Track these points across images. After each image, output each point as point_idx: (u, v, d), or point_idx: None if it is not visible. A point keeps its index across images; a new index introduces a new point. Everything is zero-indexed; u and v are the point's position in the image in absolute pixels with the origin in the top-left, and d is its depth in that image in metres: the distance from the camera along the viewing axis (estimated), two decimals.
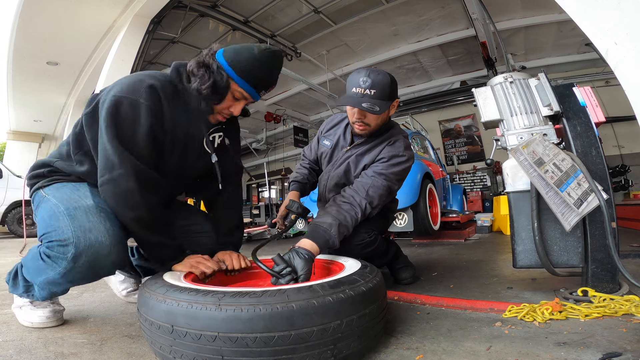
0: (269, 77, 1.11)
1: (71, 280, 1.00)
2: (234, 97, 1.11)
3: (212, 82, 1.05)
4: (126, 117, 0.99)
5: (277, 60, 1.11)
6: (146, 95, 1.01)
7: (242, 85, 1.08)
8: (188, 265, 1.09)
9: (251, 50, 1.07)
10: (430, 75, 7.99)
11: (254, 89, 1.10)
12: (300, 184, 1.67)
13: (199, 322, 0.74)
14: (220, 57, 1.08)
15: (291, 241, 1.48)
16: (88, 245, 0.94)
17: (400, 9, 5.44)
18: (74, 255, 0.94)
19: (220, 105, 1.12)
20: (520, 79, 1.53)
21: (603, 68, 6.26)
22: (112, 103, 0.98)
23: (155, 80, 1.04)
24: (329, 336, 0.76)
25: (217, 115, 1.16)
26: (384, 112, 1.36)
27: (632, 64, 1.07)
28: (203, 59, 1.09)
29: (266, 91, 1.14)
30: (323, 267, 1.29)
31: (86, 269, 0.96)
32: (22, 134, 9.78)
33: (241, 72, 1.06)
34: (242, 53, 1.07)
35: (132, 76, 1.06)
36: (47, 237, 0.98)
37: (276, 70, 1.13)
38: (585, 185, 1.26)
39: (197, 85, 1.05)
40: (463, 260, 2.40)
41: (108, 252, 0.97)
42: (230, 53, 1.08)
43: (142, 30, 4.62)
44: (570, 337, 0.95)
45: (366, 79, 1.32)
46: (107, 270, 1.03)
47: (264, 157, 12.27)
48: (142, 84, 1.01)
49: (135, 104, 0.99)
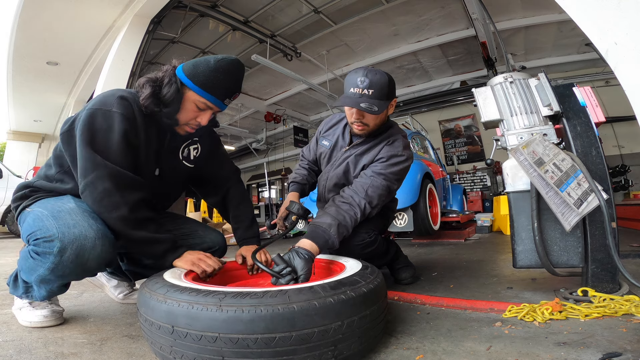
0: (229, 84, 1.14)
1: (60, 275, 1.01)
2: (197, 108, 1.15)
3: (151, 93, 1.10)
4: (100, 127, 1.06)
5: (234, 67, 1.14)
6: (118, 105, 1.08)
7: (202, 94, 1.12)
8: (189, 262, 1.10)
9: (208, 62, 1.11)
10: (430, 75, 7.99)
11: (215, 97, 1.13)
12: (299, 184, 1.67)
13: (200, 323, 0.74)
14: (179, 72, 1.14)
15: (291, 241, 1.48)
16: (73, 239, 0.97)
17: (400, 9, 5.44)
18: (60, 249, 0.96)
19: (183, 116, 1.16)
20: (520, 79, 1.53)
21: (603, 68, 6.26)
22: (86, 116, 1.06)
23: (126, 93, 1.12)
24: (329, 337, 0.76)
25: (185, 127, 1.20)
26: (383, 112, 1.36)
27: (632, 64, 1.07)
28: (155, 74, 1.15)
29: (230, 99, 1.18)
30: (323, 267, 1.29)
31: (72, 262, 0.98)
32: (22, 134, 9.78)
33: (199, 83, 1.11)
34: (199, 65, 1.12)
35: (105, 92, 1.13)
36: (33, 236, 1.00)
37: (236, 77, 1.16)
38: (585, 185, 1.26)
39: (141, 98, 1.11)
40: (463, 260, 2.40)
41: (93, 245, 0.99)
42: (189, 66, 1.13)
43: (142, 30, 4.62)
44: (570, 337, 0.95)
45: (364, 79, 1.32)
46: (94, 265, 1.03)
47: (264, 157, 12.27)
48: (113, 97, 1.09)
49: (108, 114, 1.07)
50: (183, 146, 1.28)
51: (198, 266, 1.10)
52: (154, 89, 1.11)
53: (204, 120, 1.18)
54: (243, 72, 1.19)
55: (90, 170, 1.03)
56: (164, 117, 1.15)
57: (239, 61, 1.17)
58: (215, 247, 1.37)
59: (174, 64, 1.16)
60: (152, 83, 1.12)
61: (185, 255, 1.13)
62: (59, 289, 1.11)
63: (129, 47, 4.52)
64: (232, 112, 9.60)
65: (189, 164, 1.31)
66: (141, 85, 1.13)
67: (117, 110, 1.07)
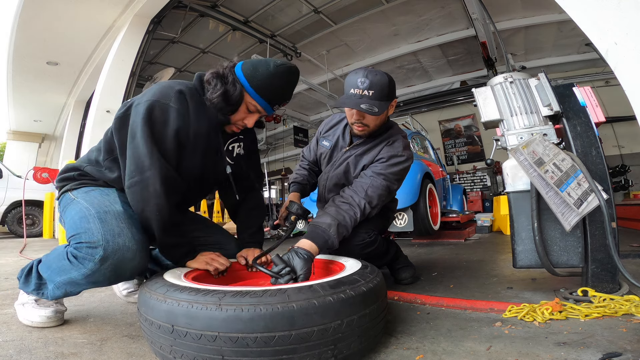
0: (284, 92, 1.14)
1: (94, 282, 1.02)
2: (247, 110, 1.15)
3: (223, 91, 1.09)
4: (158, 120, 1.05)
5: (292, 75, 1.14)
6: (175, 100, 1.07)
7: (256, 98, 1.12)
8: (203, 262, 1.13)
9: (268, 65, 1.10)
10: (430, 75, 7.99)
11: (267, 103, 1.13)
12: (300, 185, 1.67)
13: (200, 322, 0.74)
14: (238, 70, 1.12)
15: (291, 241, 1.48)
16: (116, 249, 0.97)
17: (400, 9, 5.45)
18: (102, 257, 0.96)
19: (235, 116, 1.16)
20: (520, 79, 1.53)
21: (603, 68, 6.26)
22: (146, 107, 1.04)
23: (183, 87, 1.11)
24: (329, 336, 0.76)
25: (232, 127, 1.20)
26: (383, 113, 1.36)
27: (632, 64, 1.08)
28: (220, 70, 1.13)
29: (280, 106, 1.17)
30: (323, 267, 1.29)
31: (110, 271, 0.98)
32: (22, 134, 9.79)
33: (256, 86, 1.10)
34: (258, 68, 1.10)
35: (163, 83, 1.12)
36: (77, 239, 1.00)
37: (291, 85, 1.16)
38: (585, 185, 1.26)
39: (210, 94, 1.10)
40: (463, 260, 2.40)
41: (133, 257, 1.00)
42: (248, 67, 1.11)
43: (142, 30, 4.63)
44: (570, 337, 0.95)
45: (364, 79, 1.32)
46: (128, 275, 1.04)
47: (264, 157, 12.28)
48: (172, 90, 1.08)
49: (166, 108, 1.05)
50: (229, 142, 1.28)
51: (211, 265, 1.12)
52: (224, 87, 1.09)
53: (251, 122, 1.18)
54: (297, 79, 1.18)
55: (148, 167, 1.02)
56: (221, 115, 1.13)
57: (297, 69, 1.16)
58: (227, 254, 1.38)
59: (234, 61, 1.15)
60: (221, 79, 1.10)
61: (198, 256, 1.15)
62: (78, 292, 1.10)
63: (129, 47, 4.53)
64: None
65: (230, 161, 1.29)
66: (208, 81, 1.12)
67: (174, 106, 1.06)
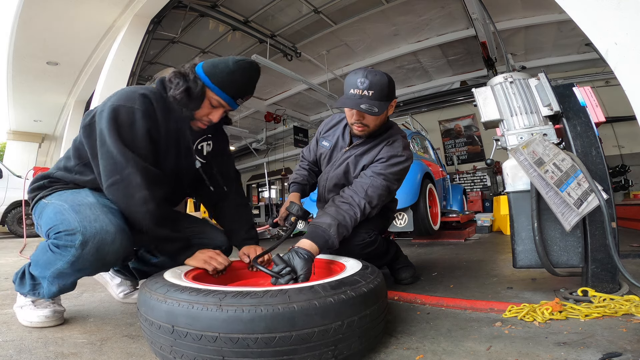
0: (245, 86, 1.19)
1: (80, 269, 1.03)
2: (211, 105, 1.20)
3: (185, 87, 1.14)
4: (124, 122, 1.08)
5: (252, 70, 1.19)
6: (140, 102, 1.10)
7: (218, 93, 1.17)
8: (201, 260, 1.14)
9: (227, 62, 1.16)
10: (430, 75, 7.99)
11: (229, 97, 1.18)
12: (300, 185, 1.67)
13: (200, 323, 0.74)
14: (199, 69, 1.17)
15: (291, 241, 1.48)
16: (94, 233, 0.99)
17: (400, 9, 5.44)
18: (82, 242, 0.98)
19: (199, 112, 1.20)
20: (520, 79, 1.53)
21: (603, 68, 6.26)
22: (110, 110, 1.07)
23: (146, 91, 1.15)
24: (330, 337, 0.76)
25: (198, 123, 1.24)
26: (383, 113, 1.36)
27: (632, 64, 1.08)
28: (181, 70, 1.18)
29: (243, 100, 1.22)
30: (324, 267, 1.29)
31: (92, 255, 1.00)
32: (22, 134, 9.78)
33: (217, 82, 1.15)
34: (218, 65, 1.16)
35: (125, 88, 1.17)
36: (55, 229, 1.02)
37: (252, 80, 1.21)
38: (585, 185, 1.26)
39: (172, 91, 1.15)
40: (463, 260, 2.40)
41: (112, 239, 1.01)
42: (208, 65, 1.17)
43: (142, 30, 4.62)
44: (570, 337, 0.95)
45: (364, 80, 1.32)
46: (113, 259, 1.05)
47: (264, 157, 12.27)
48: (135, 94, 1.12)
49: (131, 110, 1.09)
50: (198, 141, 1.31)
51: (210, 264, 1.14)
52: (187, 85, 1.14)
53: (216, 117, 1.22)
54: (259, 74, 1.23)
55: (124, 165, 1.05)
56: (186, 111, 1.18)
57: (257, 64, 1.21)
58: (223, 247, 1.38)
59: (195, 62, 1.20)
60: (183, 77, 1.15)
61: (197, 254, 1.16)
62: (71, 286, 1.12)
63: (129, 47, 4.52)
64: (232, 112, 9.59)
65: (201, 160, 1.33)
66: (170, 79, 1.17)
67: (139, 108, 1.09)
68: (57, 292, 1.10)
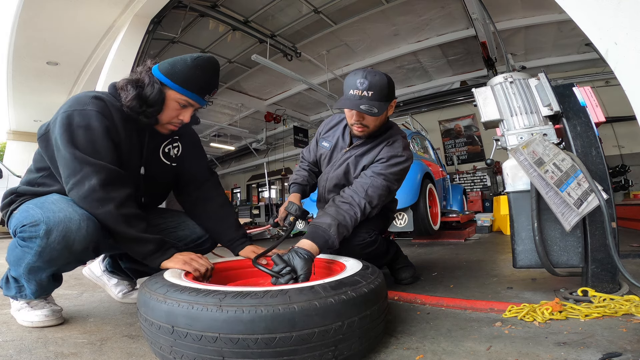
0: (209, 81, 1.18)
1: (49, 260, 1.02)
2: (179, 105, 1.17)
3: (136, 94, 1.11)
4: (79, 126, 1.05)
5: (212, 64, 1.17)
6: (93, 104, 1.08)
7: (182, 92, 1.14)
8: (180, 261, 1.10)
9: (185, 60, 1.14)
10: (430, 75, 7.99)
11: (196, 94, 1.16)
12: (300, 185, 1.67)
13: (200, 323, 0.74)
14: (156, 71, 1.15)
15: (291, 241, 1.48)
16: (58, 221, 0.98)
17: (400, 9, 5.44)
18: (46, 231, 0.97)
19: (165, 114, 1.18)
20: (520, 79, 1.53)
21: (603, 68, 6.25)
22: (63, 118, 1.06)
23: (99, 94, 1.13)
24: (330, 337, 0.76)
25: (168, 125, 1.22)
26: (382, 114, 1.36)
27: (632, 64, 1.07)
28: (133, 76, 1.16)
29: (210, 95, 1.21)
30: (324, 267, 1.29)
31: (59, 244, 0.99)
32: (22, 134, 9.77)
33: (179, 81, 1.13)
34: (176, 64, 1.14)
35: (76, 95, 1.13)
36: (19, 225, 1.02)
37: (214, 74, 1.20)
38: (585, 185, 1.26)
39: (124, 99, 1.12)
40: (463, 260, 2.40)
41: (78, 227, 1.00)
42: (165, 66, 1.15)
43: (142, 30, 4.62)
44: (570, 337, 0.95)
45: (363, 80, 1.32)
46: (81, 247, 1.02)
47: (264, 157, 12.27)
48: (87, 97, 1.10)
49: (84, 112, 1.06)
50: (163, 145, 1.30)
51: (190, 265, 1.09)
52: (138, 90, 1.12)
53: (186, 117, 1.20)
54: (219, 68, 1.22)
55: (77, 169, 1.03)
56: (144, 117, 1.15)
57: (215, 58, 1.20)
58: (205, 237, 1.38)
59: (149, 65, 1.18)
60: (133, 83, 1.13)
61: (176, 256, 1.12)
62: (49, 282, 1.10)
63: (129, 47, 4.52)
64: (232, 112, 9.60)
65: (171, 163, 1.32)
66: (121, 87, 1.14)
67: (93, 109, 1.07)
68: (37, 289, 1.10)
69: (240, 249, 1.36)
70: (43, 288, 1.11)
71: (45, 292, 1.15)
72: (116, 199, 1.05)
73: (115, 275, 1.49)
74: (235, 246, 1.36)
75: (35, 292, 1.11)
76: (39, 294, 1.13)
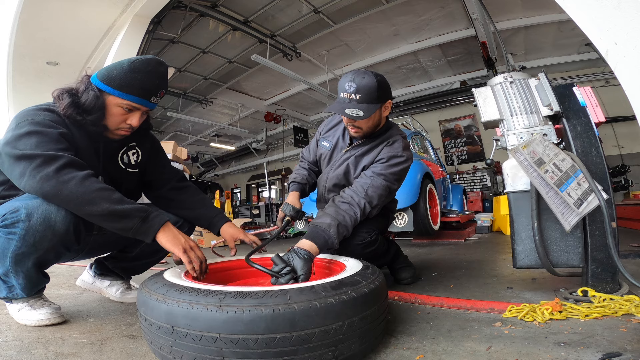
0: (151, 82, 1.15)
1: (34, 244, 1.00)
2: (124, 110, 1.15)
3: (71, 102, 1.09)
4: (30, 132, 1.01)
5: (152, 65, 1.14)
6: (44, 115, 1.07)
7: (123, 96, 1.12)
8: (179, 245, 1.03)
9: (122, 64, 1.12)
10: (430, 75, 7.99)
11: (137, 97, 1.13)
12: (299, 184, 1.67)
13: (200, 323, 0.74)
14: (94, 80, 1.14)
15: (291, 241, 1.48)
16: (37, 206, 0.99)
17: (400, 9, 5.44)
18: (27, 214, 0.98)
19: (111, 120, 1.16)
20: (520, 79, 1.53)
21: (603, 68, 6.25)
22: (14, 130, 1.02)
23: (48, 105, 1.12)
24: (330, 338, 0.76)
25: (117, 131, 1.19)
26: (372, 115, 1.36)
27: (632, 64, 1.07)
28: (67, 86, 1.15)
29: (157, 97, 1.18)
30: (324, 267, 1.29)
31: (42, 225, 0.99)
32: None
33: (118, 85, 1.11)
34: (113, 70, 1.12)
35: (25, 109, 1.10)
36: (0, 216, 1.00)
37: (157, 74, 1.16)
38: (585, 185, 1.26)
39: (60, 108, 1.10)
40: (463, 260, 2.40)
41: (57, 208, 1.00)
42: (103, 72, 1.14)
43: (142, 30, 4.62)
44: (570, 337, 0.95)
45: (351, 83, 1.33)
46: (63, 227, 1.01)
47: (264, 157, 12.27)
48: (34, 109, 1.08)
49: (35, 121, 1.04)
50: (121, 153, 1.28)
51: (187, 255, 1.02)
52: (72, 98, 1.10)
53: (134, 121, 1.18)
54: (164, 68, 1.19)
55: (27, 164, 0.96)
56: (90, 125, 1.14)
57: (157, 59, 1.17)
58: (180, 221, 1.37)
59: (87, 73, 1.17)
60: (68, 92, 1.12)
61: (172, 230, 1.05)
62: (37, 275, 1.09)
63: (129, 47, 4.52)
64: (232, 112, 9.61)
65: (132, 170, 1.31)
66: (57, 97, 1.12)
67: (44, 119, 1.05)
68: (26, 283, 1.08)
69: (220, 226, 1.36)
70: (32, 282, 1.09)
71: (36, 287, 1.13)
72: (77, 176, 0.98)
73: (106, 277, 1.49)
74: (214, 223, 1.36)
75: (25, 288, 1.09)
76: (29, 289, 1.11)
